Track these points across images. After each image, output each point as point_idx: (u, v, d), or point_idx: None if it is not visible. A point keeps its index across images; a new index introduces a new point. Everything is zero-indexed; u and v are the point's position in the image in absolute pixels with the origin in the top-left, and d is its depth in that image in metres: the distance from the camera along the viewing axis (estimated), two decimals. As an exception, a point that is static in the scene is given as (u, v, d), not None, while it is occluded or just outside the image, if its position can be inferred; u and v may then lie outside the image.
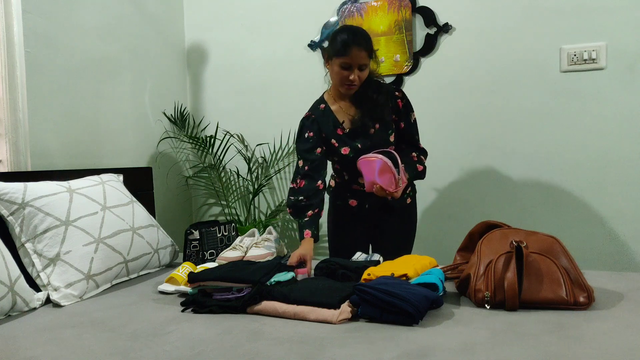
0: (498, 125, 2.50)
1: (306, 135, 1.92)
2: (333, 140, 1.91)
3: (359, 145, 1.88)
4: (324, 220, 2.90)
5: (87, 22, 2.34)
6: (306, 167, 1.88)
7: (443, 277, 1.43)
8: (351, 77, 1.79)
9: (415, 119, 1.96)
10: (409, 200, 2.02)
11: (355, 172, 1.90)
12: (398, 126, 1.94)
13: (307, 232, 1.80)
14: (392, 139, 1.92)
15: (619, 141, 2.32)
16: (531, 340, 1.08)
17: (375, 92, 1.88)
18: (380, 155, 1.75)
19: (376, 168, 1.72)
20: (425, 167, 1.95)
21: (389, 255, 1.73)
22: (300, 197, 1.83)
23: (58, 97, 2.17)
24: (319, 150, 1.91)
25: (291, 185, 1.91)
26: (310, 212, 1.82)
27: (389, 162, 1.74)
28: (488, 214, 2.50)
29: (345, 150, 1.90)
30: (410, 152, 1.93)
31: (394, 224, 2.00)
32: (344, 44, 1.76)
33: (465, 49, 2.53)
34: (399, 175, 1.76)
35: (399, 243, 1.99)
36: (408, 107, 1.95)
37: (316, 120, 1.93)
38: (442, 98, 2.59)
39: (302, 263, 1.68)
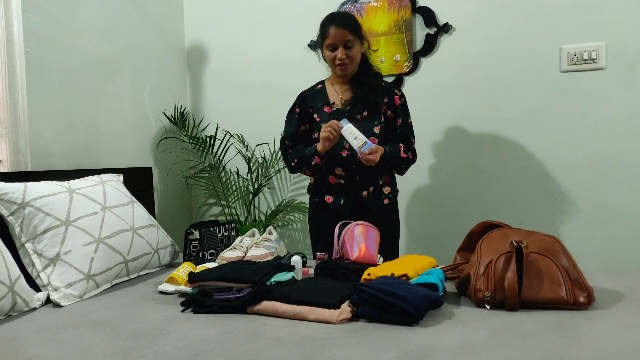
0: (498, 125, 2.50)
1: (294, 110, 2.07)
2: (315, 115, 1.99)
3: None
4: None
5: (87, 22, 2.33)
6: (288, 142, 2.04)
7: (443, 277, 1.43)
8: (338, 56, 1.89)
9: (411, 122, 2.02)
10: (386, 201, 2.01)
11: (332, 158, 1.93)
12: (394, 122, 1.99)
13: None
14: (377, 130, 1.95)
15: (619, 141, 2.32)
16: (531, 340, 1.08)
17: (373, 78, 1.97)
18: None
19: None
20: (408, 159, 1.99)
21: None
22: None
23: (58, 97, 2.17)
24: (302, 128, 2.01)
25: (288, 152, 2.03)
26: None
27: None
28: (488, 214, 2.49)
29: None
30: (399, 144, 1.98)
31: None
32: (324, 27, 1.91)
33: (465, 49, 2.53)
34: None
35: (382, 245, 1.94)
36: (406, 107, 2.02)
37: (307, 97, 2.05)
38: (442, 98, 2.59)
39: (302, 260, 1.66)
